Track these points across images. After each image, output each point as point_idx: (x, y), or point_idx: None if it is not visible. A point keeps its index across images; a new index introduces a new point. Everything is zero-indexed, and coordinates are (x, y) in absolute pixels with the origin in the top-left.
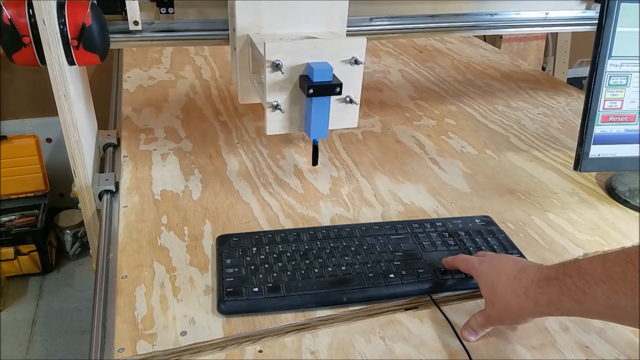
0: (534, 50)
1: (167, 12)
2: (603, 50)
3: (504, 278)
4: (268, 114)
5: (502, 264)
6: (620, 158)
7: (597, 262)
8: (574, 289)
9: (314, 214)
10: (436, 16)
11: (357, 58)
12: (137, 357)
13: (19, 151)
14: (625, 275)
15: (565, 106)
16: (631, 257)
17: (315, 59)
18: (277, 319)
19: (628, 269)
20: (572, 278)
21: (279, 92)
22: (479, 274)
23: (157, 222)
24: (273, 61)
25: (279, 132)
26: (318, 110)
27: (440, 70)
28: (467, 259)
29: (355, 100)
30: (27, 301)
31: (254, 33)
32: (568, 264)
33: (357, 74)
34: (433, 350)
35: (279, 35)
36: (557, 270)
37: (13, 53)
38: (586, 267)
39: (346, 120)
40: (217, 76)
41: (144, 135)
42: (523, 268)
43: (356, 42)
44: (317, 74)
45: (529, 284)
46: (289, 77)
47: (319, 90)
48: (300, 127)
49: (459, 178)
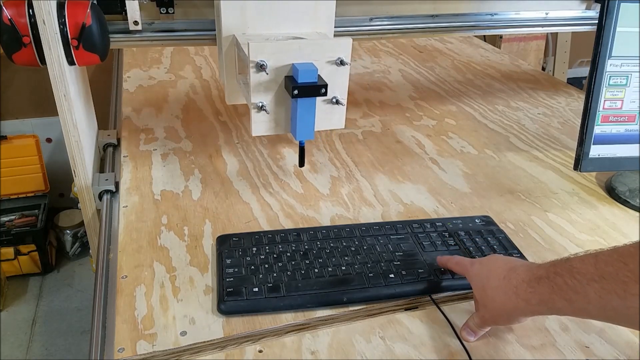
0: (534, 50)
1: (167, 12)
2: (603, 50)
3: (494, 279)
4: (253, 115)
5: (491, 265)
6: (620, 158)
7: (589, 261)
8: (565, 288)
9: (314, 214)
10: (436, 16)
11: (342, 59)
12: (137, 357)
13: (19, 151)
14: (617, 275)
15: (565, 106)
16: (623, 257)
17: (300, 59)
18: (277, 319)
19: (620, 269)
20: (563, 277)
21: (263, 92)
22: (471, 276)
23: (157, 222)
24: (257, 62)
25: (265, 133)
26: (304, 111)
27: (440, 70)
28: (460, 262)
29: (341, 101)
30: (27, 301)
31: (239, 33)
32: (559, 262)
33: (343, 74)
34: (433, 350)
35: (265, 36)
36: (547, 269)
37: (13, 53)
38: (578, 266)
39: (333, 121)
40: (217, 76)
41: (144, 135)
42: (513, 268)
43: (342, 43)
44: (302, 74)
45: (520, 284)
46: (274, 78)
47: (304, 91)
48: (286, 128)
49: (459, 178)
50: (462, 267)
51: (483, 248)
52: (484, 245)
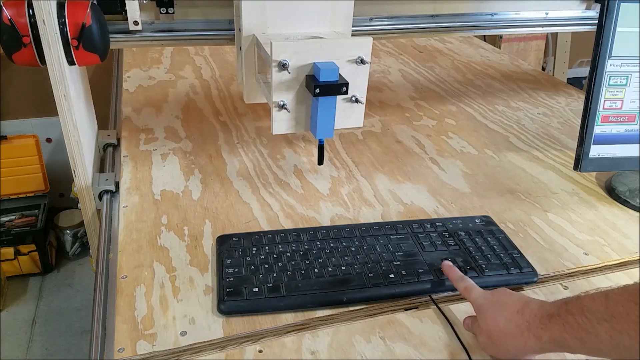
0: (534, 50)
1: (167, 12)
2: (603, 50)
3: (508, 311)
4: (274, 114)
5: (505, 298)
6: (620, 158)
7: (599, 300)
8: (576, 327)
9: (314, 214)
10: (436, 16)
11: (362, 58)
12: (137, 357)
13: (19, 151)
14: (627, 315)
15: (565, 106)
16: (633, 296)
17: (321, 58)
18: (277, 319)
19: (631, 309)
20: (574, 316)
21: (285, 91)
22: (479, 304)
23: (157, 222)
24: (280, 61)
25: (285, 131)
26: (324, 110)
27: (440, 70)
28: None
29: (360, 99)
30: (27, 301)
31: (259, 33)
32: (570, 300)
33: (362, 73)
34: (433, 350)
35: (285, 35)
36: (559, 307)
37: (13, 53)
38: (589, 305)
39: (352, 120)
40: (217, 76)
41: (144, 135)
42: (526, 303)
43: (362, 42)
44: (324, 73)
45: (532, 319)
46: (295, 77)
47: (325, 89)
48: (306, 126)
49: (459, 178)
50: (468, 293)
51: (483, 248)
52: (484, 245)
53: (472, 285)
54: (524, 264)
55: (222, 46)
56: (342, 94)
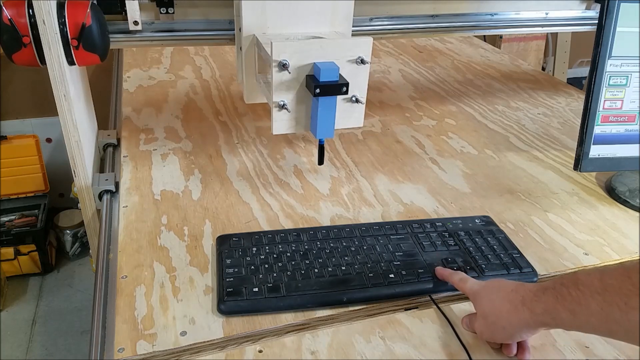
0: (534, 50)
1: (167, 12)
2: (603, 50)
3: (503, 291)
4: (274, 114)
5: (500, 283)
6: (620, 158)
7: (594, 275)
8: (569, 298)
9: (314, 214)
10: (436, 16)
11: (363, 58)
12: (137, 357)
13: (19, 151)
14: (620, 288)
15: (565, 106)
16: (629, 271)
17: (321, 58)
18: (277, 319)
19: (624, 282)
20: (568, 288)
21: (285, 91)
22: (474, 290)
23: (157, 222)
24: (280, 61)
25: (285, 131)
26: (324, 110)
27: (440, 70)
28: (463, 278)
29: (361, 99)
30: (27, 301)
31: (259, 33)
32: (566, 275)
33: (363, 73)
34: (433, 350)
35: (285, 35)
36: (554, 281)
37: (13, 53)
38: (583, 279)
39: (352, 120)
40: (217, 76)
41: (144, 135)
42: (522, 284)
43: (362, 42)
44: (324, 73)
45: (527, 294)
46: (296, 77)
47: (325, 89)
48: (306, 126)
49: (459, 178)
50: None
51: (483, 248)
52: (484, 245)
53: (466, 277)
54: (524, 264)
55: (222, 46)
56: (342, 94)
